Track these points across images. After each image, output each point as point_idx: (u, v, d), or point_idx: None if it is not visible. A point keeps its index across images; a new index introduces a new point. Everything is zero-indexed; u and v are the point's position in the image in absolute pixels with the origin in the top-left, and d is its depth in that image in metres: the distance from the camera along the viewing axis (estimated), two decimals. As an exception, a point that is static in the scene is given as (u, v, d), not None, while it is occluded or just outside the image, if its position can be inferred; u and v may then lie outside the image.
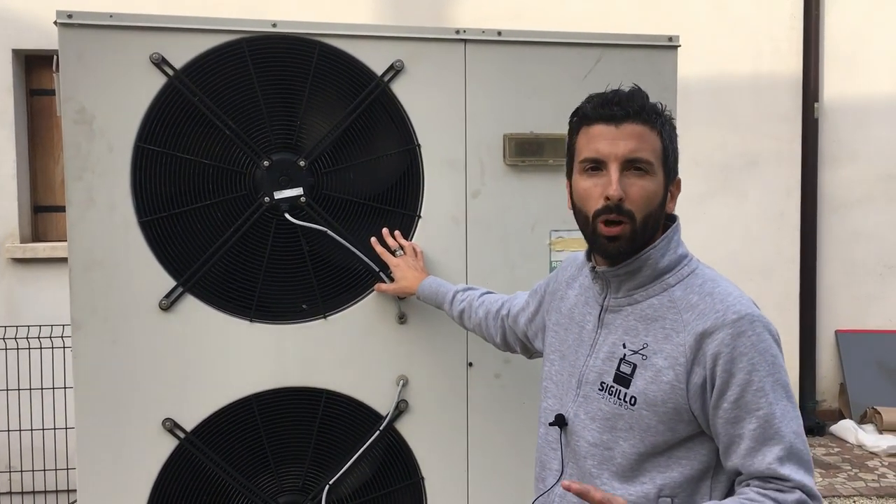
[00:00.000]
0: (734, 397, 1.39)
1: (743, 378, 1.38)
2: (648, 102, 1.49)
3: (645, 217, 1.46)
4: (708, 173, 5.77)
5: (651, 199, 1.46)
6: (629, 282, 1.51)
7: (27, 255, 4.97)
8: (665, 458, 1.47)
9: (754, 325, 1.40)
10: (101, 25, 2.14)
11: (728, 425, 1.40)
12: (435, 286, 2.19)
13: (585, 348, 1.57)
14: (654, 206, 1.48)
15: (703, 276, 1.50)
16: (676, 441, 1.46)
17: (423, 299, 2.23)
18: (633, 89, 1.51)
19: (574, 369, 1.59)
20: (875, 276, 6.08)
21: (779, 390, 1.39)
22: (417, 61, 2.30)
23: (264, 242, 2.25)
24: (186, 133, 2.20)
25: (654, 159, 1.47)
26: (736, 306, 1.42)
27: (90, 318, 2.18)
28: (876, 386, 5.90)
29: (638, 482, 1.47)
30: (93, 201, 2.16)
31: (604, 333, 1.54)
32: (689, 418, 1.44)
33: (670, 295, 1.48)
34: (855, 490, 4.80)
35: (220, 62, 2.19)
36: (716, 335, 1.40)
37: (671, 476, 1.46)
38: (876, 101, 5.97)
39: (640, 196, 1.45)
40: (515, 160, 2.35)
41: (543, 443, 1.65)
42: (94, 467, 2.21)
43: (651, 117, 1.48)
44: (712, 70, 5.73)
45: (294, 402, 2.30)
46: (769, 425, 1.38)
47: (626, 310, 1.52)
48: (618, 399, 1.48)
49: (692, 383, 1.42)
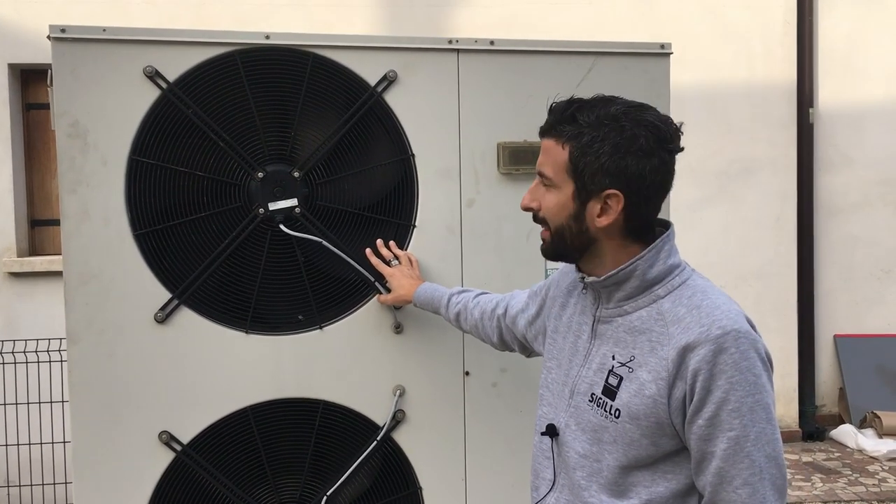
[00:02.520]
0: (709, 415, 1.36)
1: (720, 396, 1.35)
2: (569, 114, 1.47)
3: (558, 227, 1.51)
4: (704, 180, 5.78)
5: (555, 211, 1.51)
6: (618, 292, 1.50)
7: (24, 268, 4.96)
8: (650, 473, 1.45)
9: (738, 342, 1.36)
10: (94, 39, 2.14)
11: (700, 442, 1.38)
12: (430, 291, 2.19)
13: (579, 358, 1.57)
14: (564, 218, 1.50)
15: (694, 288, 1.46)
16: (661, 455, 1.44)
17: (420, 305, 2.22)
18: (564, 101, 1.52)
19: (568, 379, 1.58)
20: (873, 280, 6.08)
21: (758, 411, 1.36)
22: (411, 71, 2.30)
23: (259, 254, 2.25)
24: (180, 145, 2.20)
25: (552, 174, 1.50)
26: (722, 321, 1.38)
27: (86, 331, 2.18)
28: (875, 390, 5.90)
29: (624, 496, 1.46)
30: (87, 214, 2.16)
31: (597, 344, 1.54)
32: (672, 433, 1.42)
33: (659, 307, 1.46)
34: (855, 495, 4.79)
35: (214, 74, 2.20)
36: (698, 350, 1.37)
37: (657, 491, 1.44)
38: (871, 106, 5.99)
39: (545, 207, 1.53)
40: (510, 168, 2.36)
41: (538, 451, 1.65)
42: (91, 481, 2.20)
43: (561, 131, 1.48)
44: (706, 77, 5.75)
45: (291, 414, 2.30)
46: (740, 447, 1.35)
47: (616, 321, 1.51)
48: (604, 411, 1.47)
49: (674, 398, 1.39)
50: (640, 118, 1.44)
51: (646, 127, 1.43)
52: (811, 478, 5.10)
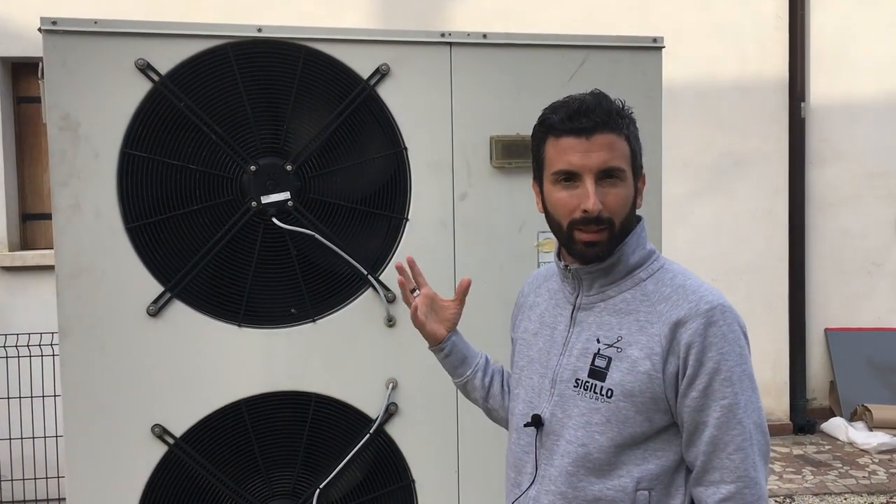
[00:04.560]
0: (702, 385, 1.43)
1: (712, 367, 1.43)
2: (614, 107, 1.51)
3: (622, 221, 1.51)
4: (695, 174, 5.79)
5: (626, 204, 1.52)
6: (602, 279, 1.54)
7: (16, 263, 4.94)
8: (641, 451, 1.49)
9: (725, 316, 1.45)
10: (85, 32, 2.14)
11: (694, 413, 1.45)
12: (464, 342, 1.84)
13: (558, 348, 1.59)
14: (629, 209, 1.53)
15: (674, 271, 1.54)
16: (653, 432, 1.49)
17: (448, 349, 1.80)
18: (597, 96, 1.52)
19: (546, 370, 1.60)
20: (864, 274, 6.11)
21: (745, 380, 1.45)
22: (403, 65, 2.30)
23: (252, 247, 2.25)
24: (172, 138, 2.20)
25: (625, 166, 1.50)
26: (708, 297, 1.47)
27: (78, 325, 2.18)
28: (866, 383, 5.93)
29: (615, 476, 1.49)
30: (79, 207, 2.16)
31: (576, 332, 1.56)
32: (665, 407, 1.47)
33: (643, 289, 1.52)
34: (846, 487, 4.82)
35: (206, 67, 2.20)
36: (689, 324, 1.44)
37: (648, 468, 1.49)
38: (862, 100, 6.01)
39: (616, 203, 1.49)
40: (502, 162, 2.36)
41: (517, 447, 1.65)
42: (83, 475, 2.21)
43: (618, 124, 1.50)
44: (698, 71, 5.76)
45: (284, 407, 2.30)
46: (732, 415, 1.43)
47: (598, 306, 1.55)
48: (593, 393, 1.50)
49: (668, 372, 1.45)
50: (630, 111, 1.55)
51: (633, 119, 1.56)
52: (802, 470, 5.13)
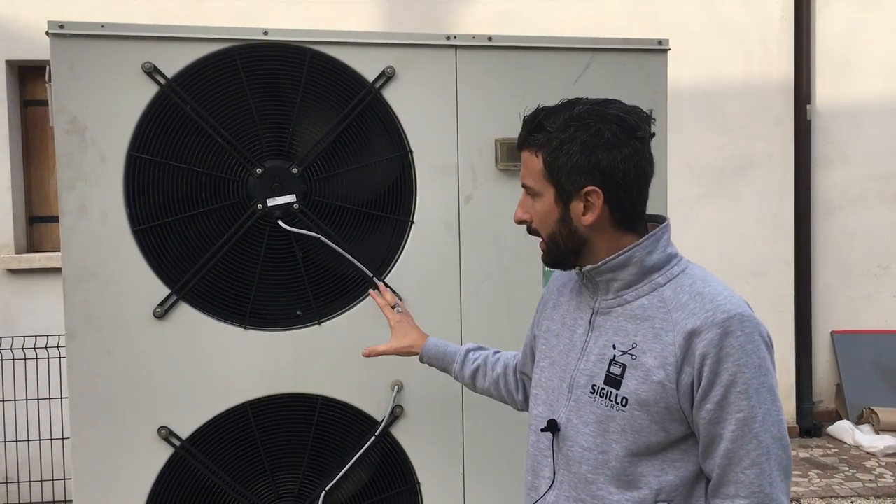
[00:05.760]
0: (718, 397, 1.40)
1: (727, 379, 1.39)
2: (536, 124, 1.53)
3: (549, 234, 1.56)
4: (701, 176, 5.79)
5: (544, 219, 1.55)
6: (617, 281, 1.52)
7: (22, 265, 4.96)
8: (659, 462, 1.47)
9: (743, 326, 1.41)
10: (92, 35, 2.14)
11: (709, 425, 1.42)
12: (441, 345, 2.06)
13: (576, 352, 1.57)
14: (553, 224, 1.54)
15: (694, 277, 1.50)
16: (670, 442, 1.46)
17: (428, 359, 2.07)
18: (531, 112, 1.55)
19: (565, 374, 1.59)
20: (870, 276, 6.10)
21: (763, 393, 1.40)
22: (408, 67, 2.31)
23: (258, 249, 2.26)
24: (179, 141, 2.20)
25: (534, 183, 1.54)
26: (725, 305, 1.42)
27: (84, 327, 2.18)
28: (872, 386, 5.91)
29: (634, 487, 1.47)
30: (86, 210, 2.17)
31: (594, 336, 1.55)
32: (681, 418, 1.45)
33: (660, 294, 1.49)
34: (852, 490, 4.81)
35: (212, 70, 2.20)
36: (704, 334, 1.40)
37: (667, 479, 1.46)
38: (868, 103, 6.00)
39: (536, 217, 1.57)
40: (507, 164, 2.36)
41: (535, 450, 1.64)
42: (89, 477, 2.21)
43: (532, 141, 1.53)
44: (704, 73, 5.76)
45: (289, 409, 2.31)
46: (748, 428, 1.39)
47: (615, 311, 1.53)
48: (609, 401, 1.49)
49: (682, 382, 1.42)
50: (603, 113, 1.48)
51: (610, 121, 1.47)
52: (808, 473, 5.11)
